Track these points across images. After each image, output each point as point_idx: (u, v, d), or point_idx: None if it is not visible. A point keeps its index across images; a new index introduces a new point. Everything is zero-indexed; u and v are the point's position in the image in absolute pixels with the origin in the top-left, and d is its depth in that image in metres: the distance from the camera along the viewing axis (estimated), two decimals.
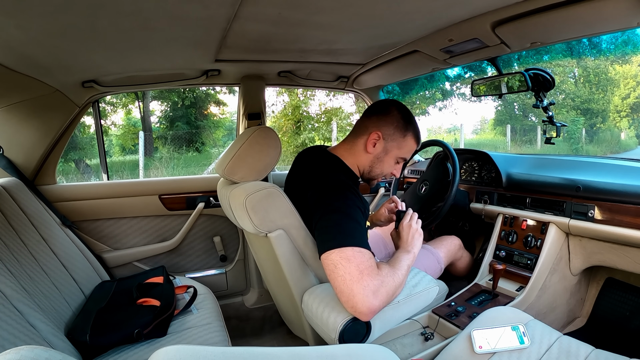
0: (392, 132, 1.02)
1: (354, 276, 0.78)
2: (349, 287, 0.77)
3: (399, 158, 1.05)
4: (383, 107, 1.06)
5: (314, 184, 0.95)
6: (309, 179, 0.98)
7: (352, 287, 0.77)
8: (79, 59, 1.10)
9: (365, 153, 1.03)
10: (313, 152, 1.10)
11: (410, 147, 1.06)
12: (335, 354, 0.60)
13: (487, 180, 1.57)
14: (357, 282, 0.77)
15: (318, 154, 1.08)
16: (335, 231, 0.84)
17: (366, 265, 0.80)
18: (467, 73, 8.48)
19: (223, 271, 1.73)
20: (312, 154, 1.09)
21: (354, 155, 1.05)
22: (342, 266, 0.79)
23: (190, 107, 10.43)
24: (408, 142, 1.04)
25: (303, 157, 1.12)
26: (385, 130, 1.02)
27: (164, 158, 8.83)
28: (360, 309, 0.77)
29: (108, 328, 1.01)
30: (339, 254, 0.80)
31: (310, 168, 1.04)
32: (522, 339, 0.84)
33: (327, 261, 0.82)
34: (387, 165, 1.05)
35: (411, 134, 1.04)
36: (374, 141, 1.02)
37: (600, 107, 11.92)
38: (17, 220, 1.13)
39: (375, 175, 1.06)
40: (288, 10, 0.83)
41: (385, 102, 1.07)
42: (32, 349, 0.42)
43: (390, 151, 1.04)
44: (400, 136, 1.03)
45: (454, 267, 1.51)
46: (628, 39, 7.70)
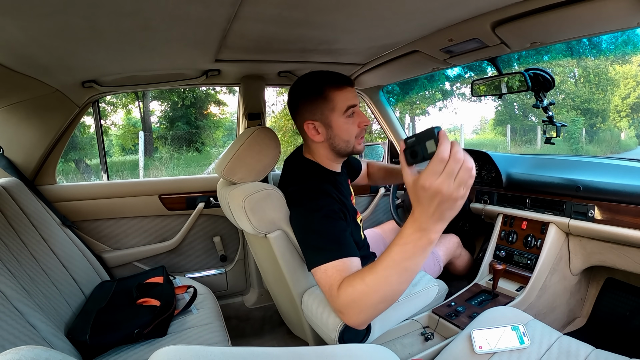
0: (314, 107, 0.93)
1: (329, 298, 0.78)
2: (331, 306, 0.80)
3: (345, 114, 0.94)
4: (291, 99, 1.00)
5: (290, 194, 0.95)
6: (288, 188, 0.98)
7: (333, 306, 0.78)
8: (79, 59, 1.10)
9: (318, 143, 0.98)
10: (295, 158, 1.09)
11: (339, 96, 0.93)
12: (335, 354, 0.60)
13: (487, 180, 1.57)
14: (333, 304, 0.77)
15: (296, 161, 1.06)
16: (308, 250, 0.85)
17: (332, 282, 0.75)
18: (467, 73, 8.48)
19: (223, 271, 1.73)
20: (294, 161, 1.08)
21: (314, 152, 1.02)
22: (322, 286, 0.80)
23: (190, 107, 10.43)
24: (332, 96, 0.92)
25: (288, 163, 1.11)
26: (309, 113, 0.95)
27: (164, 158, 8.83)
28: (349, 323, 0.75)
29: (108, 328, 1.01)
30: (315, 275, 0.81)
31: (290, 176, 1.04)
32: (522, 339, 0.84)
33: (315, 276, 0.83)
34: (343, 131, 0.95)
35: (327, 87, 0.92)
36: (312, 130, 0.96)
37: (600, 107, 11.92)
38: (17, 220, 1.13)
39: (345, 147, 0.98)
40: (288, 10, 0.83)
41: (290, 93, 1.01)
42: (32, 349, 0.42)
43: (331, 120, 0.94)
44: (322, 100, 0.92)
45: (453, 266, 1.51)
46: (628, 39, 7.71)
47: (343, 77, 0.95)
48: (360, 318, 0.72)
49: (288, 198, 0.95)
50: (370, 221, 1.96)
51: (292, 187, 0.96)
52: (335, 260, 0.77)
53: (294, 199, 0.93)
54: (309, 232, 0.86)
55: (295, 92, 0.98)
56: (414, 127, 11.62)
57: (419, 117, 12.22)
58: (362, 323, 0.73)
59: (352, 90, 0.97)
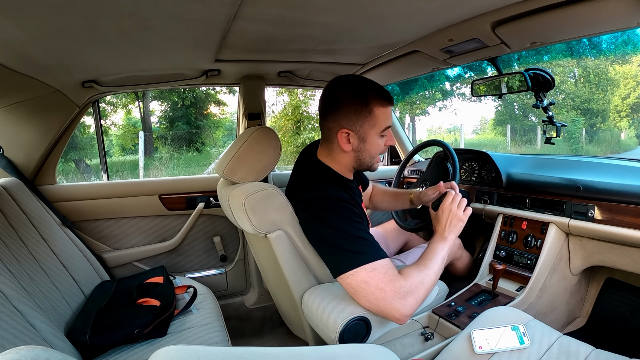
0: (356, 118, 0.90)
1: (378, 296, 0.79)
2: (375, 306, 0.80)
3: (380, 132, 0.93)
4: (330, 100, 0.93)
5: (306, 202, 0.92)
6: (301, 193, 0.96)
7: (379, 305, 0.80)
8: (79, 59, 1.10)
9: (345, 153, 0.95)
10: (307, 158, 1.05)
11: (383, 115, 0.92)
12: (335, 354, 0.60)
13: (487, 180, 1.57)
14: (382, 300, 0.79)
15: (309, 163, 1.02)
16: (343, 254, 0.84)
17: (386, 280, 0.80)
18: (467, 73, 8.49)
19: (223, 271, 1.73)
20: (306, 161, 1.05)
21: (335, 159, 0.98)
22: (362, 289, 0.80)
23: (190, 107, 10.43)
24: (378, 113, 0.91)
25: (300, 162, 1.08)
26: (348, 122, 0.90)
27: (164, 158, 8.84)
28: (395, 319, 0.80)
29: (108, 328, 1.01)
30: (355, 278, 0.81)
31: (303, 179, 1.00)
32: (522, 339, 0.84)
33: (345, 284, 0.84)
34: (373, 148, 0.95)
35: (374, 102, 0.90)
36: (346, 139, 0.92)
37: (600, 107, 11.92)
38: (17, 220, 1.13)
39: (368, 163, 0.98)
40: (288, 10, 0.83)
41: (329, 92, 0.94)
42: (32, 349, 0.42)
43: (368, 135, 0.92)
44: (367, 114, 0.90)
45: (453, 267, 1.51)
46: (628, 39, 7.71)
47: (388, 95, 0.93)
48: (415, 306, 0.81)
49: (302, 204, 0.93)
50: (370, 221, 1.96)
51: (307, 194, 0.93)
52: (381, 260, 0.82)
53: (312, 208, 0.90)
54: (340, 237, 0.84)
55: (339, 96, 0.91)
56: (414, 127, 11.63)
57: (419, 117, 12.24)
58: (413, 312, 0.81)
59: (391, 109, 0.96)
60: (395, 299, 0.79)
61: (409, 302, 0.80)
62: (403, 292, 0.80)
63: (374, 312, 0.82)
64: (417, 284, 0.82)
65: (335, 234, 0.85)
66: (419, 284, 0.82)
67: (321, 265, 0.98)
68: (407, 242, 1.65)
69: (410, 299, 0.80)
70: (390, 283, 0.80)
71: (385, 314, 0.80)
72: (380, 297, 0.79)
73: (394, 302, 0.79)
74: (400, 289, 0.80)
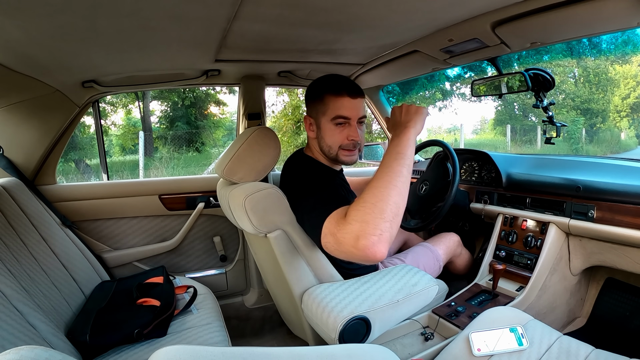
0: (313, 106, 1.04)
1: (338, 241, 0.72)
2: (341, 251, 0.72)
3: (332, 120, 0.99)
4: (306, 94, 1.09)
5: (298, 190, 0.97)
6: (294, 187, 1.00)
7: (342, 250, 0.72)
8: (79, 59, 1.10)
9: (313, 140, 1.07)
10: (294, 158, 1.14)
11: (334, 103, 0.98)
12: (335, 354, 0.60)
13: (487, 180, 1.57)
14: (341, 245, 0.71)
15: (297, 159, 1.12)
16: (311, 220, 0.84)
17: (337, 224, 0.73)
18: (467, 73, 8.48)
19: (223, 271, 1.73)
20: (294, 160, 1.13)
21: (311, 146, 1.10)
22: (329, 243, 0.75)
23: (190, 107, 10.43)
24: (327, 100, 0.98)
25: (289, 165, 1.14)
26: (309, 110, 1.06)
27: (164, 158, 8.83)
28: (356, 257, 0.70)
29: (108, 328, 1.01)
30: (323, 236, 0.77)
31: (293, 175, 1.07)
32: (521, 341, 0.84)
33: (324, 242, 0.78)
34: (328, 136, 1.01)
35: (325, 91, 0.99)
36: (308, 125, 1.06)
37: (600, 107, 11.91)
38: (17, 220, 1.13)
39: (328, 150, 1.03)
40: (288, 10, 0.83)
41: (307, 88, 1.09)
42: (32, 349, 0.42)
43: (320, 122, 1.02)
44: (319, 101, 1.01)
45: (453, 265, 1.51)
46: (628, 39, 7.71)
47: (346, 85, 0.99)
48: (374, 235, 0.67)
49: (293, 190, 0.97)
50: None
51: (297, 181, 1.00)
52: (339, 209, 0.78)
53: (301, 189, 0.96)
54: (317, 202, 0.85)
55: (307, 90, 1.08)
56: None
57: None
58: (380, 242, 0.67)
59: (352, 100, 0.98)
60: (346, 236, 0.69)
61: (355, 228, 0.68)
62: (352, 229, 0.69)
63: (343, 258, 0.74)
64: (362, 203, 0.71)
65: (313, 202, 0.86)
66: (364, 203, 0.71)
67: (321, 265, 0.98)
68: (407, 242, 1.65)
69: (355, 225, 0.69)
70: (338, 225, 0.73)
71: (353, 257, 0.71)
72: (339, 241, 0.71)
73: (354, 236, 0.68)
74: (346, 226, 0.70)
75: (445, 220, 1.77)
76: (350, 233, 0.69)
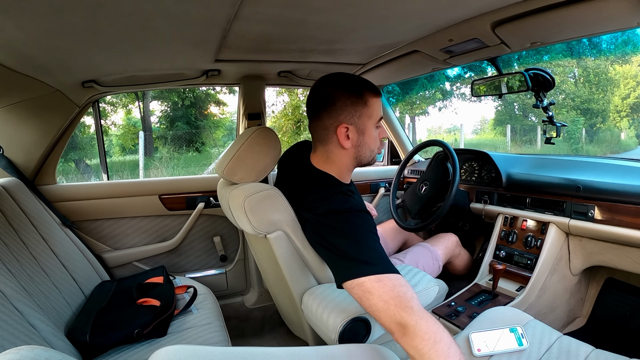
0: (354, 111, 0.89)
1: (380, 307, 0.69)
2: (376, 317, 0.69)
3: (376, 124, 0.93)
4: (323, 97, 0.91)
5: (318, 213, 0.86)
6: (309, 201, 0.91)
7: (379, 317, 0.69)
8: (79, 59, 1.10)
9: (344, 150, 0.92)
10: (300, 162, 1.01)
11: (377, 105, 0.92)
12: (335, 354, 0.60)
13: (487, 180, 1.57)
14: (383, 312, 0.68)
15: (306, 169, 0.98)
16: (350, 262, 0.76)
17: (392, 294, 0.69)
18: (467, 73, 8.48)
19: (223, 271, 1.73)
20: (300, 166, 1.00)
21: (335, 162, 0.94)
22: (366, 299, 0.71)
23: (190, 107, 10.43)
24: (371, 103, 0.91)
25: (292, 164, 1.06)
26: (346, 116, 0.89)
27: (164, 158, 8.83)
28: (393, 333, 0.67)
29: (108, 328, 1.01)
30: (360, 287, 0.72)
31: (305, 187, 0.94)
32: (521, 341, 0.83)
33: (350, 293, 0.75)
34: (372, 141, 0.94)
35: (367, 93, 0.90)
36: (345, 135, 0.90)
37: (600, 107, 11.91)
38: (17, 220, 1.13)
39: (368, 157, 0.96)
40: (288, 10, 0.83)
41: (320, 90, 0.92)
42: (32, 349, 0.42)
43: (366, 127, 0.91)
44: (363, 105, 0.89)
45: (452, 265, 1.51)
46: (628, 39, 7.71)
47: (376, 87, 0.94)
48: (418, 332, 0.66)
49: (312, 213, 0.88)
50: None
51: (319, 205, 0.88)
52: (390, 274, 0.73)
53: (326, 220, 0.85)
54: (351, 246, 0.78)
55: (335, 90, 0.89)
56: (414, 127, 11.63)
57: (419, 117, 12.23)
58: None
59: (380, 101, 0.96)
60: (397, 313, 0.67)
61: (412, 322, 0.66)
62: (408, 311, 0.67)
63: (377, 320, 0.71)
64: (432, 327, 0.66)
65: (347, 243, 0.79)
66: (433, 329, 0.66)
67: (321, 266, 0.98)
68: (406, 242, 1.65)
69: (414, 323, 0.66)
70: (396, 297, 0.69)
71: (386, 326, 0.70)
72: (381, 308, 0.69)
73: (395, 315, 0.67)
74: (406, 305, 0.67)
75: (445, 220, 1.77)
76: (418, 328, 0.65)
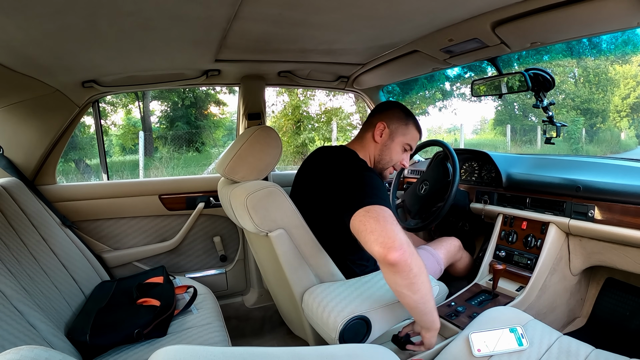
0: (395, 121, 1.12)
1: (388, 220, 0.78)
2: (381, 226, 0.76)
3: (405, 144, 1.14)
4: (385, 105, 1.18)
5: (338, 176, 0.98)
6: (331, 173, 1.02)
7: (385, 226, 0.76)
8: (79, 59, 1.10)
9: (374, 143, 1.13)
10: (330, 149, 1.16)
11: (413, 135, 1.14)
12: (335, 354, 0.60)
13: (487, 180, 1.57)
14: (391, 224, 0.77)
15: (335, 150, 1.14)
16: (360, 194, 0.85)
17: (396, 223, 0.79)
18: (467, 73, 8.47)
19: (223, 271, 1.73)
20: (329, 151, 1.15)
21: (364, 147, 1.14)
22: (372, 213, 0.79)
23: (190, 107, 10.43)
24: (411, 130, 1.14)
25: (319, 155, 1.15)
26: (388, 120, 1.12)
27: (164, 158, 8.83)
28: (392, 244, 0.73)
29: (108, 328, 1.01)
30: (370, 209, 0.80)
31: (330, 163, 1.08)
32: (521, 341, 0.83)
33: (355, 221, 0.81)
34: (394, 152, 1.13)
35: (412, 123, 1.14)
36: (380, 130, 1.12)
37: (600, 107, 11.90)
38: (17, 220, 1.13)
39: (385, 162, 1.13)
40: (288, 10, 0.84)
41: (388, 102, 1.20)
42: (32, 349, 0.42)
43: (396, 137, 1.12)
44: (403, 124, 1.13)
45: (453, 268, 1.51)
46: (628, 39, 7.70)
47: (420, 126, 1.18)
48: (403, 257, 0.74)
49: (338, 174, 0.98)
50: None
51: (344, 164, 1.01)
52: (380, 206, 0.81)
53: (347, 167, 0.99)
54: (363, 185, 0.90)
55: (395, 105, 1.17)
56: None
57: (419, 117, 12.22)
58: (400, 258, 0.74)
59: (418, 140, 1.18)
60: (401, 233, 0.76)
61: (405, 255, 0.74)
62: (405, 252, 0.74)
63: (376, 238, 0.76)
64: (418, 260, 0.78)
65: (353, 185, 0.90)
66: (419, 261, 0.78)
67: (322, 264, 0.98)
68: None
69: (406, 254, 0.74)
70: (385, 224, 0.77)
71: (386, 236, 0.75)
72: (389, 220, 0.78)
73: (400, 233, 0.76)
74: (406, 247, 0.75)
75: (445, 220, 1.77)
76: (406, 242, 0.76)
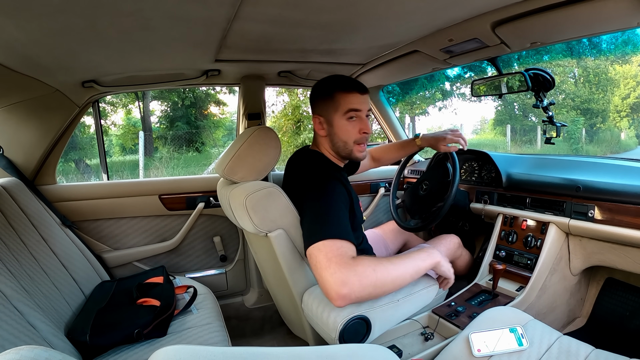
0: (321, 104, 1.05)
1: (323, 264, 0.79)
2: (318, 274, 0.80)
3: (346, 115, 1.02)
4: (311, 96, 1.11)
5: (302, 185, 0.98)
6: (299, 181, 1.02)
7: (321, 274, 0.79)
8: (79, 59, 1.10)
9: (323, 137, 1.08)
10: (299, 153, 1.16)
11: (344, 98, 1.02)
12: (335, 354, 0.60)
13: (487, 180, 1.57)
14: (324, 269, 0.78)
15: (302, 154, 1.13)
16: (309, 229, 0.88)
17: (335, 254, 0.80)
18: (467, 73, 8.48)
19: (223, 271, 1.73)
20: (299, 155, 1.15)
21: (320, 145, 1.10)
22: (314, 256, 0.82)
23: (190, 107, 10.43)
24: (339, 97, 1.02)
25: (293, 161, 1.15)
26: (319, 109, 1.06)
27: (164, 158, 8.83)
28: (330, 295, 0.78)
29: (108, 328, 1.01)
30: (313, 249, 0.83)
31: (298, 170, 1.09)
32: (521, 341, 0.83)
33: (309, 255, 0.85)
34: (342, 132, 1.04)
35: (335, 89, 1.03)
36: (319, 124, 1.06)
37: (600, 107, 11.90)
38: (17, 220, 1.13)
39: (342, 146, 1.06)
40: (288, 10, 0.84)
41: (312, 91, 1.11)
42: (32, 349, 0.42)
43: (333, 118, 1.03)
44: (329, 99, 1.03)
45: (453, 266, 1.49)
46: (628, 39, 7.70)
47: (354, 83, 1.04)
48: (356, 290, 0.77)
49: (297, 187, 0.99)
50: (370, 221, 1.96)
51: (301, 177, 1.02)
52: (340, 240, 0.83)
53: (305, 188, 0.97)
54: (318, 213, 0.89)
55: (313, 90, 1.09)
56: (414, 127, 11.62)
57: (419, 117, 12.22)
58: (350, 295, 0.77)
59: (360, 96, 1.03)
60: (335, 275, 0.76)
61: (350, 285, 0.76)
62: (346, 273, 0.77)
63: (319, 282, 0.81)
64: (367, 272, 0.79)
65: (316, 207, 0.90)
66: (370, 274, 0.79)
67: None
68: (407, 243, 1.65)
69: (350, 283, 0.76)
70: (337, 257, 0.79)
71: (325, 287, 0.78)
72: (324, 266, 0.79)
73: (334, 277, 0.76)
74: (343, 268, 0.77)
75: (445, 220, 1.77)
76: (346, 278, 0.76)
